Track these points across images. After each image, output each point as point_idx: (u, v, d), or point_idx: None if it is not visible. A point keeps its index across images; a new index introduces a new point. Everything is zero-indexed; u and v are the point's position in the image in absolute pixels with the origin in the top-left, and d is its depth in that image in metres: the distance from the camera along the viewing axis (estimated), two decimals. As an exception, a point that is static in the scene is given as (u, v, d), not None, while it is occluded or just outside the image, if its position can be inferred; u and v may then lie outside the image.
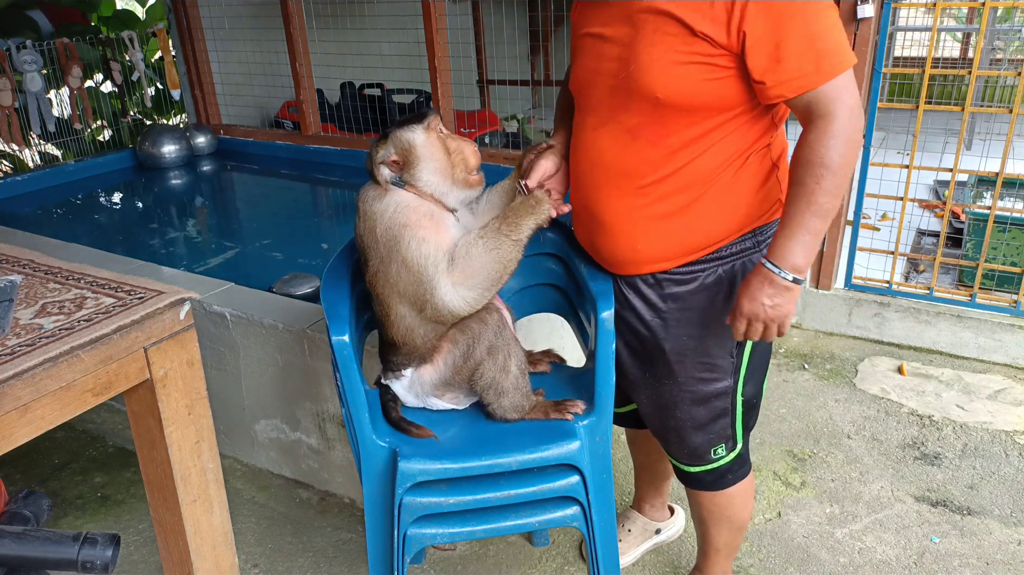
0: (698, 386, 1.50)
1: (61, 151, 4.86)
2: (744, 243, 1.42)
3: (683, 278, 1.44)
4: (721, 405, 1.53)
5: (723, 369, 1.49)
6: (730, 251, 1.42)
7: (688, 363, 1.49)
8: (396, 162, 1.49)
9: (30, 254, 1.47)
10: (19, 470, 2.45)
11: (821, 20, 1.22)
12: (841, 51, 1.23)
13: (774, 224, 1.43)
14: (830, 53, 1.22)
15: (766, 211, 1.42)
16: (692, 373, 1.49)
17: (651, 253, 1.42)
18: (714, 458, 1.58)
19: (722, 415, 1.54)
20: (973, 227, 3.12)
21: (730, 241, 1.41)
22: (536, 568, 2.00)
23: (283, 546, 2.11)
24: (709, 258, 1.42)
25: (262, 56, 4.63)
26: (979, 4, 2.73)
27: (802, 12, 1.20)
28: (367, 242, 1.50)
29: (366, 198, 1.51)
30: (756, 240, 1.43)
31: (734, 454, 1.59)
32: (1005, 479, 2.28)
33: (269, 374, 2.24)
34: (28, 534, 1.04)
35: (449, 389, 1.57)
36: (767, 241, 1.42)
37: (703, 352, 1.48)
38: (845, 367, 2.92)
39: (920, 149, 3.06)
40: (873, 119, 2.91)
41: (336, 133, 4.49)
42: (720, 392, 1.51)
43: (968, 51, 7.25)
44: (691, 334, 1.47)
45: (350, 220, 3.57)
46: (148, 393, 1.27)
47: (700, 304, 1.45)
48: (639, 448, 1.95)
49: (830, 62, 1.21)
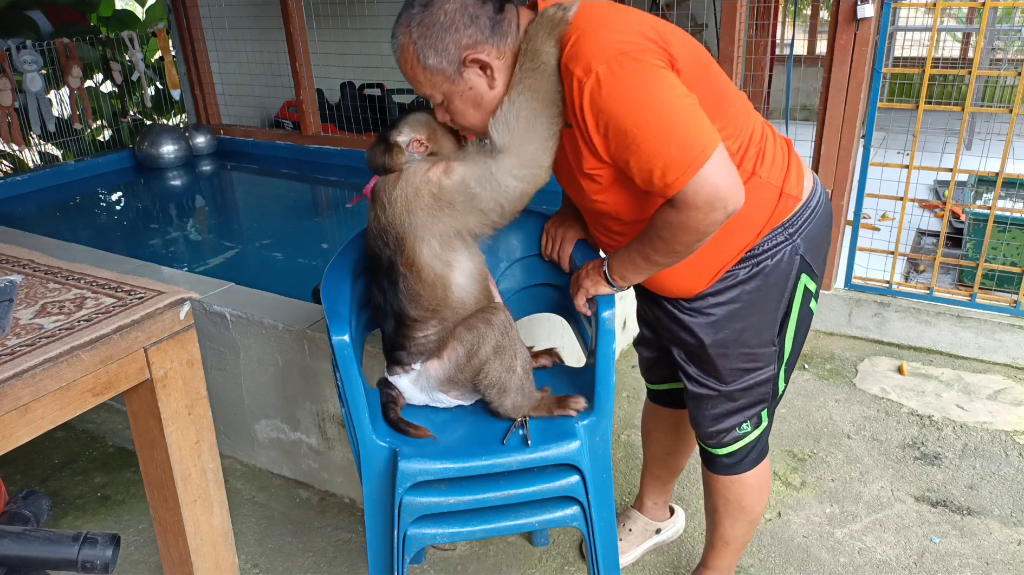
0: (742, 376, 1.52)
1: (61, 151, 4.86)
2: (776, 239, 1.43)
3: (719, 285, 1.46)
4: (764, 391, 1.55)
5: (766, 357, 1.52)
6: (762, 248, 1.43)
7: (731, 355, 1.51)
8: (421, 141, 1.50)
9: (30, 254, 1.47)
10: (19, 470, 2.45)
11: (663, 130, 1.21)
12: (688, 150, 1.20)
13: (799, 213, 1.44)
14: (675, 163, 1.21)
15: (775, 209, 1.42)
16: (735, 365, 1.51)
17: (687, 288, 1.47)
18: (740, 434, 1.59)
19: (763, 399, 1.56)
20: (973, 227, 3.12)
21: (755, 244, 1.42)
22: (536, 568, 2.00)
23: (283, 546, 2.11)
24: (742, 260, 1.44)
25: (262, 56, 4.63)
26: (979, 4, 2.73)
27: (644, 128, 1.22)
28: (403, 221, 1.47)
29: (388, 186, 1.50)
30: (788, 232, 1.43)
31: (759, 430, 1.61)
32: (1005, 479, 2.28)
33: (269, 374, 2.24)
34: (28, 534, 1.04)
35: (454, 386, 1.58)
36: (800, 230, 1.44)
37: (744, 344, 1.49)
38: (845, 367, 2.92)
39: (920, 149, 3.06)
40: (873, 119, 2.91)
41: (336, 133, 4.49)
42: (764, 381, 1.54)
43: (968, 51, 7.25)
44: (732, 327, 1.48)
45: (350, 220, 3.58)
46: (148, 393, 1.27)
47: (737, 298, 1.46)
48: (656, 440, 1.94)
49: (674, 173, 1.21)
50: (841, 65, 2.81)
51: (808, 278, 1.48)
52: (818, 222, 1.47)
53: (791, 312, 1.49)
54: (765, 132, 1.45)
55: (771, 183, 1.41)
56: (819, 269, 1.51)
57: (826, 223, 1.51)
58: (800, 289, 1.48)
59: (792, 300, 1.48)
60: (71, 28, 4.92)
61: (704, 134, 1.22)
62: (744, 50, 3.30)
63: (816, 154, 2.99)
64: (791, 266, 1.45)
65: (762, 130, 1.45)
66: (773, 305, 1.47)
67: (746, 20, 3.07)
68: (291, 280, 2.79)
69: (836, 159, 2.94)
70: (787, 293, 1.47)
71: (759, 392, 1.55)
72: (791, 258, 1.44)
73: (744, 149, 1.39)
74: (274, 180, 4.39)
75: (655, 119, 1.21)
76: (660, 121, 1.21)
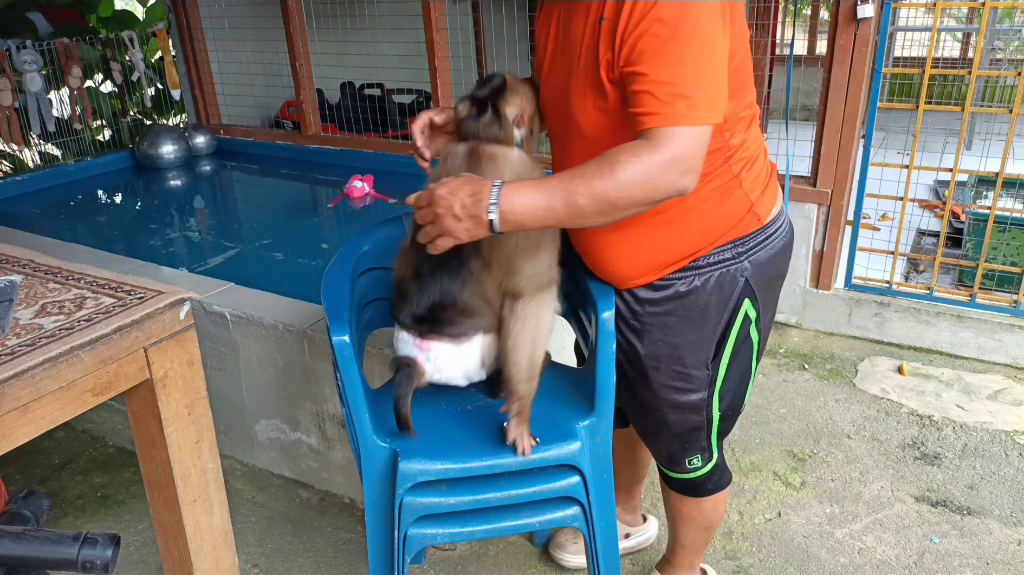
0: (672, 395, 1.49)
1: (61, 151, 4.86)
2: (723, 254, 1.39)
3: (658, 285, 1.43)
4: (696, 418, 1.51)
5: (698, 380, 1.47)
6: (707, 262, 1.39)
7: (662, 370, 1.47)
8: (523, 118, 1.41)
9: (30, 254, 1.47)
10: (19, 470, 2.45)
11: (697, 64, 1.15)
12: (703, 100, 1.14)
13: (754, 235, 1.40)
14: (684, 98, 1.14)
15: (738, 222, 1.38)
16: (666, 381, 1.48)
17: (626, 272, 1.43)
18: (689, 468, 1.58)
19: (696, 427, 1.52)
20: (973, 227, 3.12)
21: (705, 252, 1.39)
22: (536, 568, 2.00)
23: (283, 546, 2.11)
24: (686, 268, 1.40)
25: (262, 56, 4.63)
26: (979, 4, 2.73)
27: (681, 51, 1.14)
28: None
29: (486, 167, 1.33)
30: (736, 251, 1.39)
31: (710, 465, 1.59)
32: (1005, 479, 2.28)
33: (269, 374, 2.24)
34: (28, 534, 1.04)
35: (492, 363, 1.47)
36: (748, 253, 1.40)
37: (677, 360, 1.46)
38: (845, 367, 2.92)
39: (920, 149, 3.06)
40: (873, 119, 2.91)
41: (336, 133, 4.49)
42: (694, 404, 1.49)
43: (968, 51, 7.25)
44: (665, 341, 1.45)
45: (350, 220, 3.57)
46: (148, 393, 1.27)
47: (674, 312, 1.43)
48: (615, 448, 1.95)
49: (676, 107, 1.14)
50: (841, 65, 2.81)
51: (751, 304, 1.42)
52: (772, 250, 1.43)
53: (728, 336, 1.44)
54: (761, 144, 1.43)
55: (747, 195, 1.38)
56: (764, 298, 1.44)
57: (781, 254, 1.46)
58: (741, 314, 1.43)
59: (731, 324, 1.43)
60: (70, 29, 4.92)
61: (719, 103, 1.17)
62: (744, 50, 3.30)
63: (816, 154, 2.99)
64: (733, 287, 1.40)
65: (759, 138, 1.42)
66: (711, 325, 1.42)
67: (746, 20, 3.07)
68: (291, 280, 2.79)
69: (836, 159, 2.94)
70: (726, 314, 1.42)
71: (692, 419, 1.51)
72: (735, 279, 1.39)
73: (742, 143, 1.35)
74: (274, 180, 4.38)
75: (699, 51, 1.14)
76: (701, 57, 1.14)
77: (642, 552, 2.05)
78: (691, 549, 1.77)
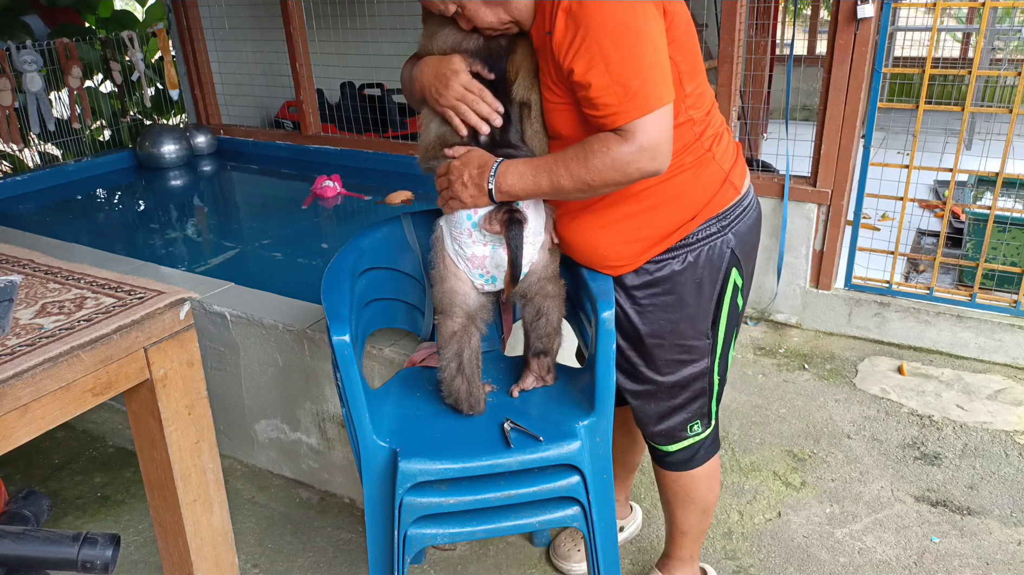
0: (678, 368, 1.55)
1: (61, 151, 4.86)
2: (709, 229, 1.48)
3: (653, 266, 1.49)
4: (700, 386, 1.58)
5: (700, 350, 1.55)
6: (696, 237, 1.47)
7: (666, 347, 1.54)
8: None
9: (30, 254, 1.47)
10: (19, 470, 2.45)
11: (635, 57, 1.24)
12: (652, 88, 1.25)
13: (733, 207, 1.49)
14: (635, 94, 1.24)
15: (716, 192, 1.47)
16: (671, 356, 1.54)
17: (618, 259, 1.50)
18: (690, 434, 1.62)
19: (701, 395, 1.59)
20: (973, 227, 3.12)
21: (693, 229, 1.47)
22: (536, 568, 2.00)
23: (283, 546, 2.11)
24: (677, 246, 1.48)
25: (262, 56, 4.63)
26: (979, 4, 2.73)
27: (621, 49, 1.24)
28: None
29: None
30: (720, 225, 1.48)
31: (709, 430, 1.65)
32: (1005, 479, 2.28)
33: (269, 374, 2.24)
34: (28, 534, 1.04)
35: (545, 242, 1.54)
36: (732, 224, 1.49)
37: (679, 335, 1.53)
38: (845, 367, 2.92)
39: (920, 149, 3.06)
40: (873, 119, 2.91)
41: (336, 133, 4.49)
42: (700, 373, 1.57)
43: (968, 51, 7.25)
44: (666, 318, 1.52)
45: (350, 220, 3.57)
46: (148, 393, 1.27)
47: (672, 289, 1.50)
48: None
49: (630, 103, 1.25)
50: (841, 65, 2.81)
51: (737, 273, 1.53)
52: (749, 220, 1.53)
53: (723, 304, 1.53)
54: (723, 121, 1.53)
55: (721, 167, 1.47)
56: (746, 266, 1.55)
57: (755, 223, 1.57)
58: (731, 283, 1.53)
59: (724, 292, 1.52)
60: (67, 30, 4.92)
61: (667, 83, 1.27)
62: (744, 50, 3.30)
63: (816, 154, 2.99)
64: (722, 259, 1.49)
65: (721, 118, 1.52)
66: (707, 297, 1.51)
67: (746, 20, 3.07)
68: (291, 280, 2.79)
69: (836, 159, 2.94)
70: (719, 285, 1.51)
71: (696, 387, 1.58)
72: (722, 250, 1.49)
73: (706, 121, 1.45)
74: (274, 180, 4.38)
75: (634, 45, 1.24)
76: (637, 49, 1.24)
77: (642, 552, 2.05)
78: (691, 536, 1.78)
